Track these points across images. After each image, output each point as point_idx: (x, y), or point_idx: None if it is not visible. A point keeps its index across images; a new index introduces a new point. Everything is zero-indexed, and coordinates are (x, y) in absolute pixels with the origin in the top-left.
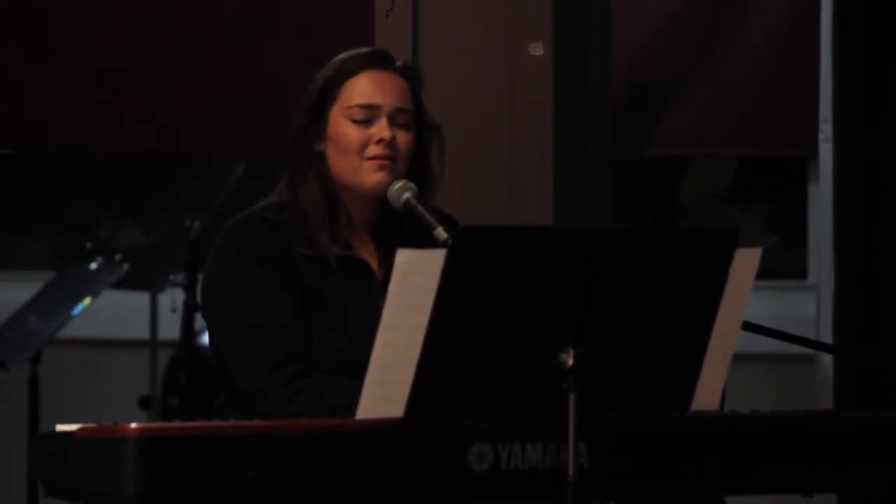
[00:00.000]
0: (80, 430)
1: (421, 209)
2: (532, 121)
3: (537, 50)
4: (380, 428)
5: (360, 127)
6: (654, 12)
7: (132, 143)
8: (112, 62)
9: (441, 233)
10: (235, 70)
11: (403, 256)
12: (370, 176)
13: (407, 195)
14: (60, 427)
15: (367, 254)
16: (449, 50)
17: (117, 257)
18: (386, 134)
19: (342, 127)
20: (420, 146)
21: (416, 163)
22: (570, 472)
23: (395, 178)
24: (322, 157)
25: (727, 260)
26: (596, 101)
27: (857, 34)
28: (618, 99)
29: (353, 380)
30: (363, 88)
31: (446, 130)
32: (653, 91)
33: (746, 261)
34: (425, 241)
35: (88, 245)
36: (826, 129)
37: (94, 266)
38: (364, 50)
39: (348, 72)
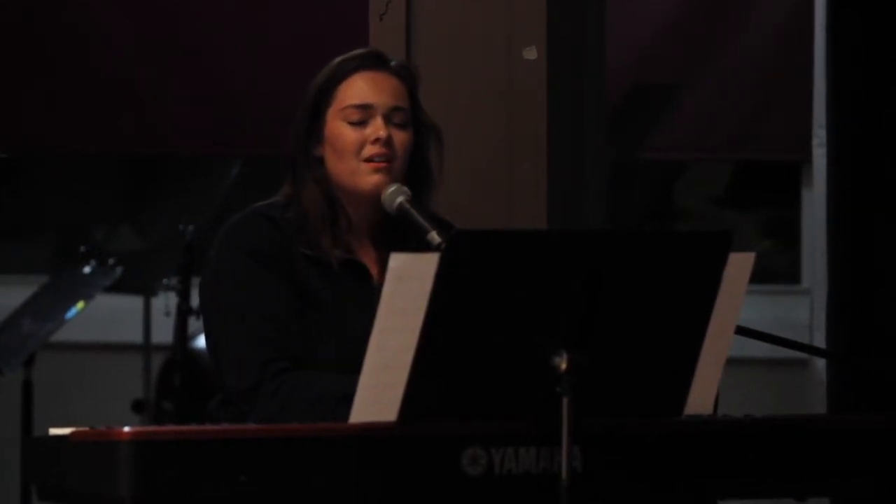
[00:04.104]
0: (73, 433)
1: (414, 213)
2: (528, 124)
3: (531, 53)
4: (373, 432)
5: (356, 128)
6: (651, 17)
7: (127, 146)
8: (107, 65)
9: (434, 237)
10: (230, 74)
11: (397, 260)
12: (367, 178)
13: (400, 199)
14: (54, 431)
15: (367, 258)
16: (443, 53)
17: (111, 261)
18: (382, 133)
19: (338, 129)
20: (418, 146)
21: (415, 163)
22: (564, 476)
23: (392, 178)
24: (321, 161)
25: (721, 263)
26: (592, 105)
27: (852, 40)
28: (615, 103)
29: (340, 375)
30: (358, 89)
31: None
32: (650, 95)
33: (740, 265)
34: (423, 245)
35: (82, 248)
36: (820, 134)
37: (87, 269)
38: (359, 51)
39: (343, 74)
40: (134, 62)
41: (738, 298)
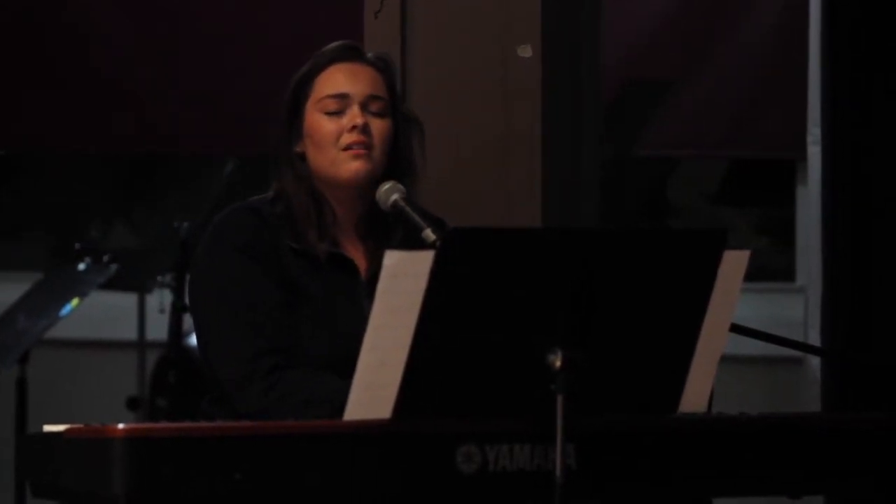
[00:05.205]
0: (67, 430)
1: (410, 210)
2: (522, 122)
3: (525, 51)
4: (368, 429)
5: (333, 118)
6: (646, 14)
7: (127, 146)
8: (107, 65)
9: (429, 234)
10: (230, 74)
11: (392, 258)
12: (347, 166)
13: (395, 196)
14: (48, 427)
15: (354, 251)
16: (437, 51)
17: (105, 258)
18: (359, 120)
19: (316, 121)
20: (399, 138)
21: (396, 155)
22: (558, 473)
23: (372, 166)
24: (302, 157)
25: (716, 261)
26: (587, 102)
27: (846, 37)
28: (610, 100)
29: (334, 375)
30: (333, 80)
31: (435, 131)
32: (644, 92)
33: (735, 262)
34: (409, 239)
35: (77, 246)
36: (815, 132)
37: (82, 267)
38: (334, 44)
39: (319, 67)
40: (134, 62)
41: (733, 296)
